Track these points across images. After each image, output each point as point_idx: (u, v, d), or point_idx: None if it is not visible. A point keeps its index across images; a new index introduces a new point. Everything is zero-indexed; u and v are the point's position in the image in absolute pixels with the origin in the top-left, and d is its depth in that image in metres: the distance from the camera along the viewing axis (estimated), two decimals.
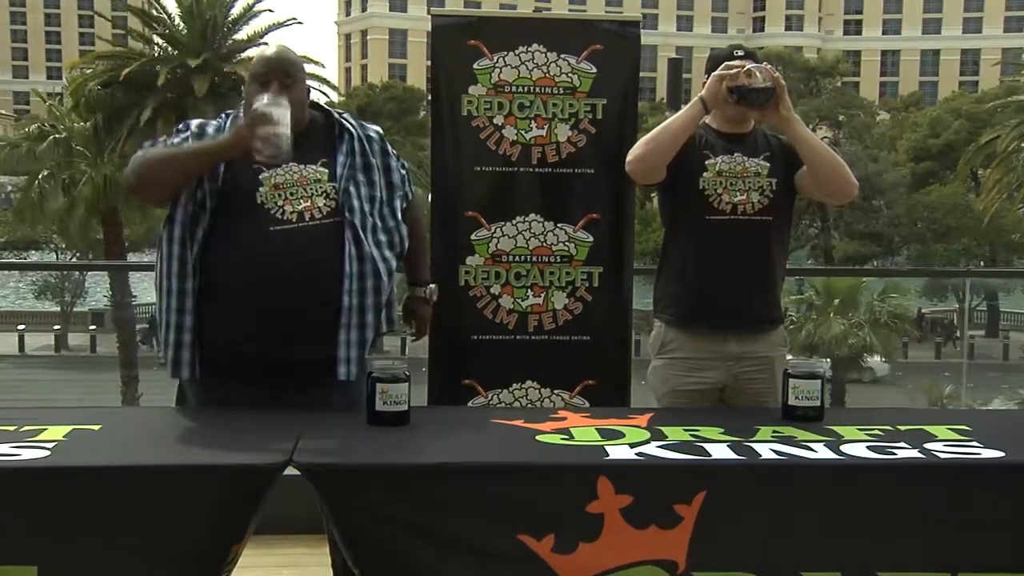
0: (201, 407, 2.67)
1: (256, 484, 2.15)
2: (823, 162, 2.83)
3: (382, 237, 2.72)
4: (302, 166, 2.66)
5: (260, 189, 2.63)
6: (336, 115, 2.79)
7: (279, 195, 2.63)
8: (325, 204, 2.66)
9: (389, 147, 2.84)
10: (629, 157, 2.88)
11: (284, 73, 2.65)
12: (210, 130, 2.71)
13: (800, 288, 20.63)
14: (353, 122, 2.80)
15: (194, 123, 2.75)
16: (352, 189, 2.69)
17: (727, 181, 2.90)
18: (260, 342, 2.58)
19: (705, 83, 2.87)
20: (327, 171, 2.69)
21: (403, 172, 2.87)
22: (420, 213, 3.05)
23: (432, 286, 3.00)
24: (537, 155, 3.71)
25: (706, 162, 2.90)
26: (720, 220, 2.89)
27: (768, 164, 2.93)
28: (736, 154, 2.92)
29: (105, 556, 2.07)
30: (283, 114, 2.47)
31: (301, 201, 2.64)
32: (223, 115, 2.79)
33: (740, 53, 2.89)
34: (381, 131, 2.88)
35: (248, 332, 2.59)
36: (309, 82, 2.80)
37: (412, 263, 2.96)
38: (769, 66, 2.81)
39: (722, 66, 2.83)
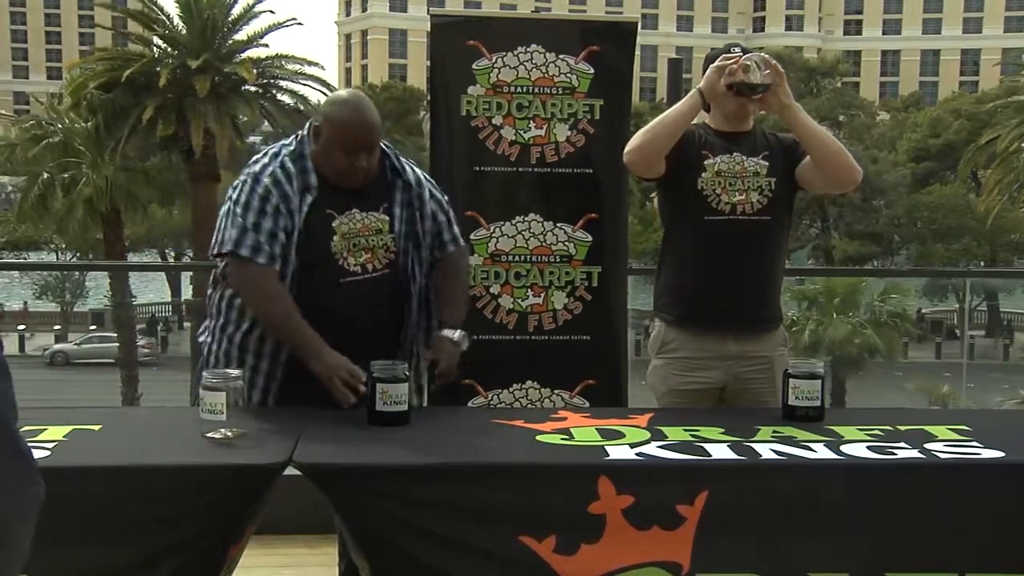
0: None
1: (256, 484, 2.15)
2: (825, 148, 2.81)
3: (428, 283, 2.78)
4: (365, 213, 2.67)
5: (333, 239, 2.64)
6: (395, 160, 2.75)
7: (346, 246, 2.65)
8: (385, 255, 2.69)
9: (433, 191, 2.81)
10: (627, 148, 2.86)
11: (370, 146, 2.63)
12: (284, 181, 2.60)
13: (801, 282, 20.63)
14: (399, 165, 2.75)
15: (267, 180, 2.60)
16: (411, 243, 2.72)
17: (726, 181, 2.89)
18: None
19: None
20: (388, 219, 2.70)
21: (444, 217, 2.82)
22: (466, 261, 3.02)
23: (462, 332, 2.74)
24: (536, 155, 3.71)
25: (705, 162, 2.89)
26: (719, 220, 2.89)
27: (767, 163, 2.92)
28: (735, 154, 2.91)
29: (103, 557, 2.07)
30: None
31: (363, 253, 2.66)
32: (287, 146, 2.69)
33: (737, 50, 2.88)
34: (420, 173, 2.82)
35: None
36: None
37: (445, 303, 2.79)
38: (766, 55, 2.81)
39: (720, 57, 2.83)
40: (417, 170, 2.83)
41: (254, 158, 2.73)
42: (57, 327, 33.62)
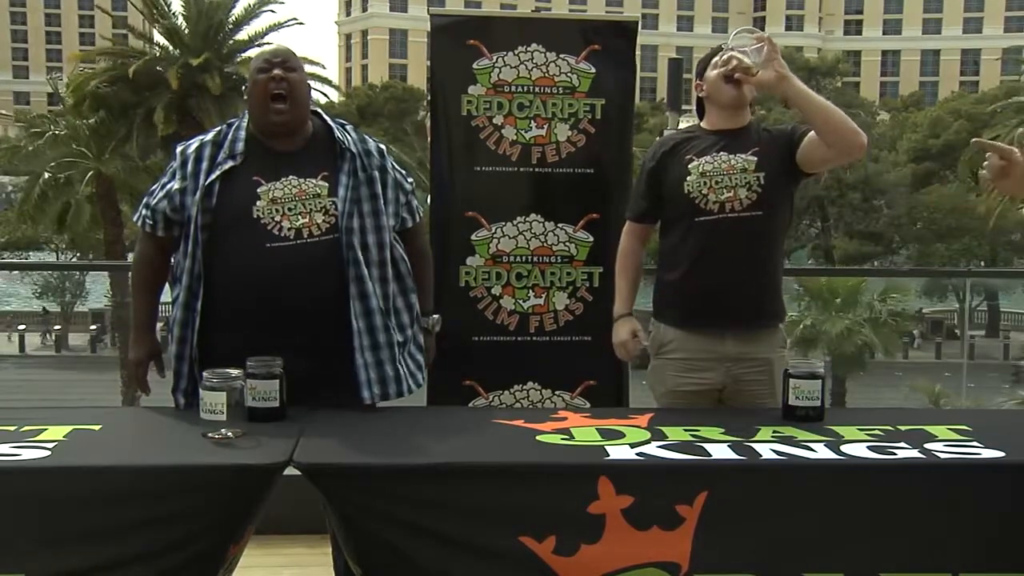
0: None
1: (256, 484, 2.15)
2: (827, 115, 2.76)
3: (384, 255, 2.69)
4: (301, 179, 2.64)
5: (257, 203, 2.60)
6: (338, 131, 2.73)
7: (276, 210, 2.60)
8: (324, 220, 2.62)
9: (391, 163, 2.80)
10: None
11: (284, 62, 2.67)
12: (194, 148, 2.69)
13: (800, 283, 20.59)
14: (353, 136, 2.75)
15: (179, 149, 2.73)
16: (355, 208, 2.65)
17: (712, 180, 2.88)
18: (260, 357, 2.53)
19: (697, 85, 2.98)
20: (327, 185, 2.65)
21: (406, 191, 2.81)
22: (425, 242, 3.02)
23: (435, 316, 2.96)
24: (537, 155, 3.71)
25: (689, 165, 2.90)
26: (710, 220, 2.88)
27: (755, 159, 2.89)
28: (720, 153, 2.90)
29: (104, 557, 2.07)
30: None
31: (299, 217, 2.61)
32: (227, 124, 2.77)
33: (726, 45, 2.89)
34: (384, 147, 2.83)
35: (248, 349, 2.50)
36: (309, 83, 2.78)
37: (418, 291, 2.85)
38: (757, 32, 2.81)
39: (712, 62, 2.90)
40: (381, 145, 2.83)
41: None
42: (57, 327, 33.62)
